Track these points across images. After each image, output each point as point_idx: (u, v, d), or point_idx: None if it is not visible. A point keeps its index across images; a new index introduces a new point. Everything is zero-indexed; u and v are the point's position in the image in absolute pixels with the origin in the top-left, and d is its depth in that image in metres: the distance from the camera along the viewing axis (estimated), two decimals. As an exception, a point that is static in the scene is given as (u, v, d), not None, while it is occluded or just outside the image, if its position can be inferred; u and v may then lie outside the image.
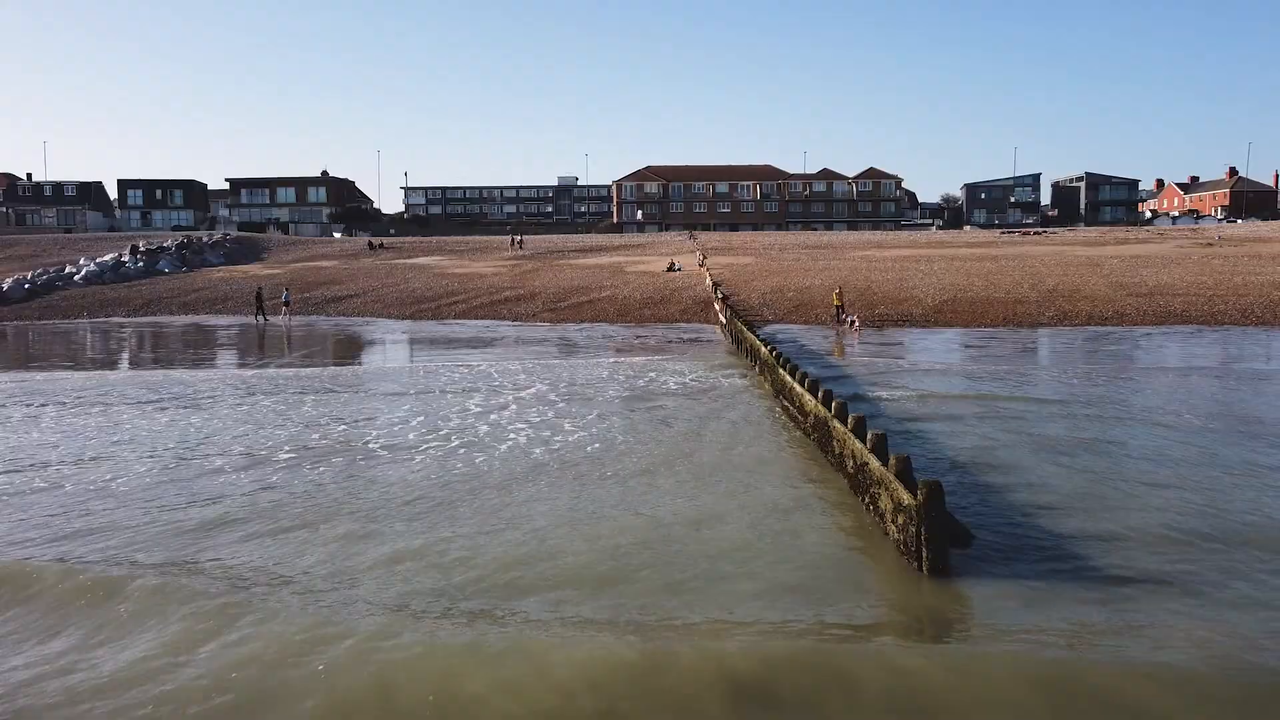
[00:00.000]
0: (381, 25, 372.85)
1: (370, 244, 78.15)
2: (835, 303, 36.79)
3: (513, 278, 55.06)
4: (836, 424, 12.11)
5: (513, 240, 79.46)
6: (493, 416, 16.97)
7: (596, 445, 14.21)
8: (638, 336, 33.10)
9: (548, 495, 11.51)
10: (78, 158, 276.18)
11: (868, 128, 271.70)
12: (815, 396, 13.89)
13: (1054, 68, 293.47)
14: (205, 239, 75.89)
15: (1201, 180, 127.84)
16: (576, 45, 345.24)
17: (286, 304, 43.84)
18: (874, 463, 10.01)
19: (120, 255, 63.91)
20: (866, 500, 10.53)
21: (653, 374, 22.17)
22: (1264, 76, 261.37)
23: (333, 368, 25.83)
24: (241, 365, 27.68)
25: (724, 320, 34.56)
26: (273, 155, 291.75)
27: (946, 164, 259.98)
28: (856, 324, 33.90)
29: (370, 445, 14.59)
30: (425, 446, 14.41)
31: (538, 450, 13.95)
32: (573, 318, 39.99)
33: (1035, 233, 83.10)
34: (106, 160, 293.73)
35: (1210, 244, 61.84)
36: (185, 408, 18.51)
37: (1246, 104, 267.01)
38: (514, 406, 18.00)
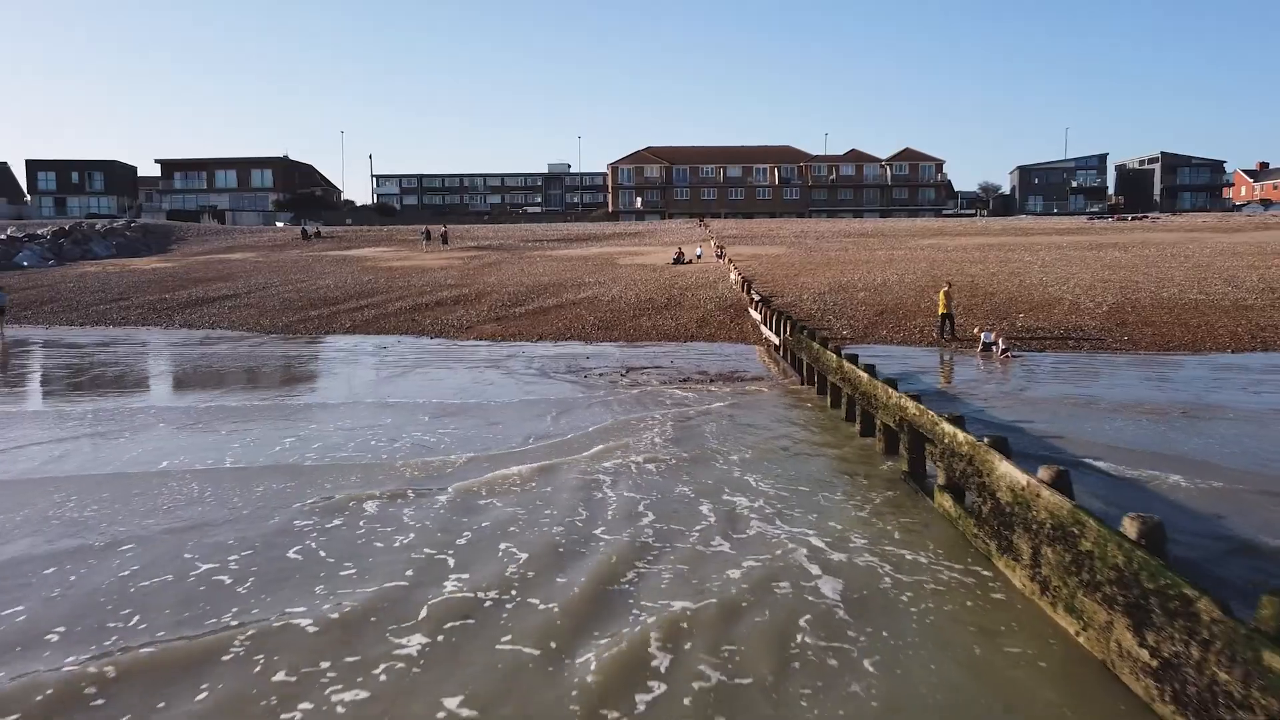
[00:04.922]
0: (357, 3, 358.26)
1: (304, 233, 64.07)
2: (941, 309, 22.66)
3: (463, 273, 40.72)
4: None
5: (429, 234, 58.80)
6: None
7: None
8: (629, 371, 18.61)
9: None
10: (60, 137, 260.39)
11: (893, 108, 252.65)
12: None
13: (1106, 41, 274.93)
14: (98, 226, 61.77)
15: (1272, 166, 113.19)
16: (568, 19, 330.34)
17: (1, 309, 30.17)
18: None
19: (-37, 244, 49.64)
20: None
21: (699, 544, 7.72)
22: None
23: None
24: None
25: (774, 340, 20.33)
26: (239, 142, 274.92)
27: (983, 149, 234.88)
28: (1005, 351, 19.63)
29: None
30: None
31: None
32: (528, 331, 25.56)
33: (1135, 218, 68.49)
34: (69, 144, 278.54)
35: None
36: None
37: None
38: None
